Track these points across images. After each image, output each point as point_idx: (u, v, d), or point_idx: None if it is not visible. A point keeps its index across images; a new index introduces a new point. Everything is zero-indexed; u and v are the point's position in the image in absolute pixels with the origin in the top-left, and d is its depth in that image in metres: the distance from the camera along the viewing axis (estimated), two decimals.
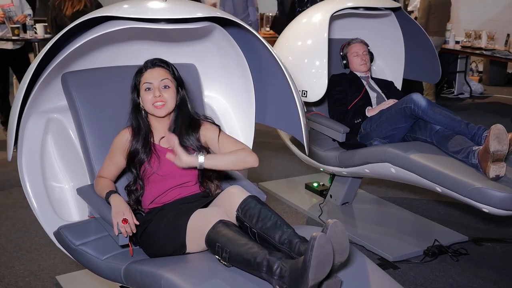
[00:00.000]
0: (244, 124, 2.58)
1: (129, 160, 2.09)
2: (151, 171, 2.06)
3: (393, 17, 3.63)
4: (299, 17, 3.48)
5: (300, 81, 3.12)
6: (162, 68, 2.10)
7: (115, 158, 2.11)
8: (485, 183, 2.49)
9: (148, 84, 2.06)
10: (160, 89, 2.06)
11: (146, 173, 2.07)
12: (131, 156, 2.08)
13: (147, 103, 2.07)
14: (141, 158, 2.06)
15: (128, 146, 2.08)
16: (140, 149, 2.06)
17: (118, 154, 2.10)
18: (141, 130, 2.09)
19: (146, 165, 2.06)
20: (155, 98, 2.04)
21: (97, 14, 2.02)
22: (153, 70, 2.08)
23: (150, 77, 2.07)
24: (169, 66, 2.12)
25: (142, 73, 2.09)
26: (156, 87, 2.05)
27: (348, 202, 3.68)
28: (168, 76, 2.09)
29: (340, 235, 1.66)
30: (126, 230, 1.89)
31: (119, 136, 2.12)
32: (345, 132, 3.19)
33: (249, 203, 1.91)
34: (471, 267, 2.95)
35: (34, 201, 2.27)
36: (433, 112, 2.86)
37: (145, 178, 2.08)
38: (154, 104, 2.05)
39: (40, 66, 2.03)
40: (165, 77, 2.07)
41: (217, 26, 2.27)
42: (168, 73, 2.10)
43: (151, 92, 2.06)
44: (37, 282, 2.77)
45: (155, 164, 2.06)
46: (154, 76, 2.07)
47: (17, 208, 3.66)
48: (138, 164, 2.07)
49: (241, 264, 1.73)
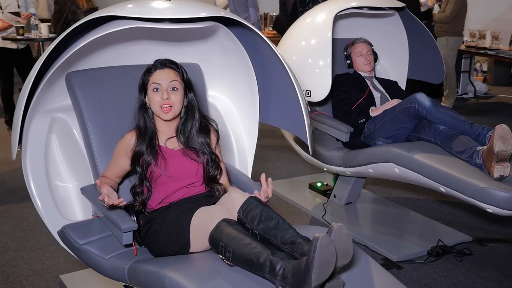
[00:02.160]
0: (247, 124, 2.58)
1: (134, 162, 2.08)
2: (159, 172, 2.05)
3: (397, 17, 3.62)
4: (303, 17, 3.48)
5: (304, 81, 3.12)
6: (172, 70, 2.09)
7: (119, 161, 2.11)
8: (489, 183, 2.49)
9: (157, 84, 2.05)
10: (168, 91, 2.05)
11: (154, 175, 2.07)
12: (136, 157, 2.07)
13: (155, 104, 2.06)
14: (147, 160, 2.06)
15: (133, 148, 2.07)
16: (145, 151, 2.06)
17: (122, 158, 2.10)
18: (147, 131, 2.09)
19: (153, 167, 2.06)
20: (162, 100, 2.04)
21: (101, 14, 2.02)
22: (162, 71, 2.07)
23: (159, 78, 2.06)
24: (179, 68, 2.11)
25: (151, 72, 2.08)
26: (165, 89, 2.05)
27: (351, 202, 3.68)
28: (177, 78, 2.08)
29: (344, 239, 1.66)
30: (106, 199, 1.86)
31: (123, 140, 2.11)
32: (349, 132, 3.18)
33: (251, 204, 1.91)
34: (475, 267, 2.94)
35: (38, 200, 2.27)
36: (437, 112, 2.86)
37: (153, 180, 2.08)
38: (161, 106, 2.05)
39: (44, 66, 2.03)
40: (174, 79, 2.07)
41: (221, 26, 2.27)
42: (177, 75, 2.09)
43: (159, 94, 2.05)
44: (41, 281, 2.78)
45: (162, 166, 2.06)
46: (163, 77, 2.06)
47: (21, 207, 3.66)
48: (145, 165, 2.06)
49: (244, 264, 1.73)
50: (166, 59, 2.11)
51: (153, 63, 2.10)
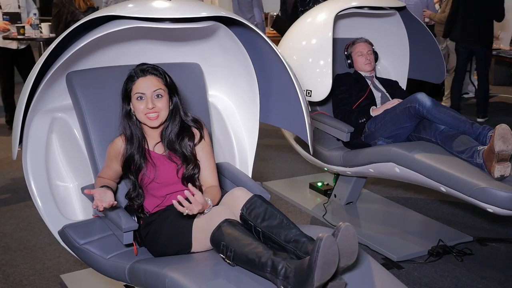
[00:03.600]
0: (248, 123, 2.58)
1: (125, 167, 2.07)
2: (149, 180, 2.04)
3: (398, 17, 3.62)
4: (304, 17, 3.48)
5: (304, 80, 3.12)
6: (154, 76, 2.02)
7: (111, 165, 2.10)
8: (490, 183, 2.48)
9: (140, 94, 1.99)
10: (153, 99, 1.99)
11: (144, 182, 2.05)
12: (127, 163, 2.05)
13: (140, 113, 2.01)
14: (137, 166, 2.04)
15: (123, 154, 2.05)
16: (135, 156, 2.04)
17: (113, 162, 2.08)
18: (134, 138, 2.05)
19: (143, 173, 2.04)
20: (147, 109, 1.99)
21: (101, 14, 2.02)
22: (145, 79, 2.00)
23: (142, 87, 1.99)
24: (161, 74, 2.04)
25: (133, 81, 2.01)
26: (149, 98, 1.99)
27: (352, 202, 3.68)
28: (161, 85, 2.01)
29: (350, 239, 1.66)
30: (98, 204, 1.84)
31: (112, 145, 2.08)
32: (350, 131, 3.18)
33: (255, 202, 1.91)
34: (475, 267, 2.94)
35: (39, 200, 2.27)
36: (438, 111, 2.85)
37: (144, 186, 2.07)
38: (147, 115, 2.00)
39: (45, 66, 2.03)
40: (158, 87, 2.00)
41: (221, 26, 2.27)
42: (160, 82, 2.02)
43: (144, 102, 1.99)
44: (41, 280, 2.78)
45: (151, 172, 2.03)
46: (146, 85, 1.99)
47: (22, 207, 3.67)
48: (135, 172, 2.05)
49: (245, 264, 1.73)
50: (147, 65, 2.04)
51: (134, 70, 2.03)
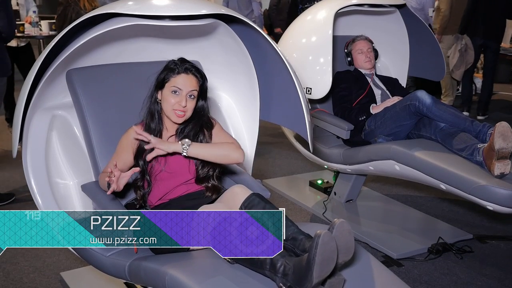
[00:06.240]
0: (248, 121, 2.58)
1: (137, 155, 2.07)
2: (159, 168, 2.05)
3: (398, 14, 3.62)
4: (304, 14, 3.48)
5: (304, 78, 3.12)
6: (195, 78, 2.05)
7: (122, 156, 2.08)
8: (490, 180, 2.49)
9: (177, 88, 2.01)
10: (187, 98, 2.02)
11: (154, 171, 2.06)
12: (140, 152, 2.06)
13: (169, 105, 2.02)
14: (151, 151, 2.03)
15: (138, 143, 2.05)
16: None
17: (126, 152, 2.08)
18: (154, 127, 2.07)
19: (154, 162, 2.05)
20: (179, 105, 2.01)
21: (101, 11, 2.02)
22: (187, 77, 2.02)
23: (182, 83, 2.01)
24: (202, 78, 2.07)
25: (174, 74, 2.02)
26: (184, 95, 2.01)
27: (352, 200, 3.68)
28: (197, 87, 2.05)
29: (346, 235, 1.67)
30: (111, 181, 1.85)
31: (126, 135, 2.09)
32: (350, 129, 3.18)
33: (253, 200, 1.91)
34: (475, 264, 2.94)
35: (39, 197, 2.27)
36: (438, 109, 2.86)
37: (153, 176, 2.07)
38: (175, 110, 2.02)
39: (45, 63, 2.03)
40: (195, 88, 2.03)
41: (221, 23, 2.27)
42: (198, 84, 2.05)
43: (177, 97, 2.01)
44: (41, 278, 2.78)
45: (162, 161, 2.05)
46: (186, 83, 2.01)
47: (22, 204, 3.67)
48: (147, 160, 2.05)
49: (244, 261, 1.73)
50: (192, 65, 2.06)
51: (179, 64, 2.04)
